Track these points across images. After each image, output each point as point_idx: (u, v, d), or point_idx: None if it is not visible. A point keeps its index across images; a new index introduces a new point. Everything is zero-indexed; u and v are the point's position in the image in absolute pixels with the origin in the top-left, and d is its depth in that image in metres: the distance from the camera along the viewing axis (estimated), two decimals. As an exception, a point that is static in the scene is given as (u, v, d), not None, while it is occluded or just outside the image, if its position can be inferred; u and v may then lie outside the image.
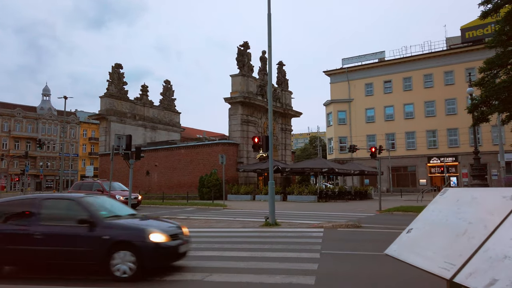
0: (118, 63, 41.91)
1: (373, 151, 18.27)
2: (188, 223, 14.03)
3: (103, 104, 40.44)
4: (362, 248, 8.48)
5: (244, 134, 32.85)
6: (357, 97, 56.22)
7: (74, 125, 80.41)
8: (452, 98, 49.59)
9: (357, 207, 21.29)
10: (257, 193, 29.60)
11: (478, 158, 24.96)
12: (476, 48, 48.66)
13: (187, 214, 18.34)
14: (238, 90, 32.51)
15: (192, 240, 9.88)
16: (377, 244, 8.86)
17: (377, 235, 10.36)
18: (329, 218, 15.17)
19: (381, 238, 9.87)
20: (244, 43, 33.34)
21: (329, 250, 8.12)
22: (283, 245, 8.82)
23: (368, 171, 33.01)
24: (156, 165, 35.53)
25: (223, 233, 11.22)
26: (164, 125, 47.64)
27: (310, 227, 11.88)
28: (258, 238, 9.94)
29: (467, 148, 47.79)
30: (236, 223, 13.49)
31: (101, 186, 21.75)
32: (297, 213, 17.48)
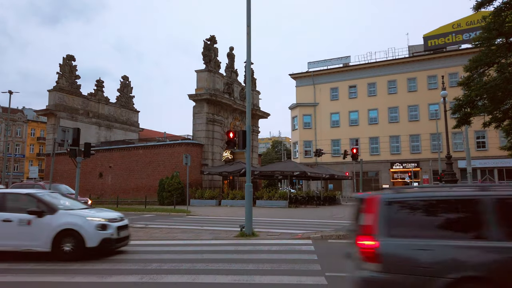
0: (70, 55, 38.25)
1: (354, 153, 16.83)
2: (147, 233, 11.77)
3: (51, 99, 36.59)
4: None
5: (210, 134, 30.58)
6: (323, 101, 55.83)
7: (21, 123, 73.89)
8: (415, 104, 50.33)
9: (333, 213, 19.83)
10: (223, 198, 27.49)
11: (450, 163, 24.44)
12: (438, 56, 49.80)
13: (146, 221, 15.96)
14: (203, 87, 30.26)
15: (154, 258, 7.74)
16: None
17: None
18: (310, 226, 13.50)
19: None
20: (211, 37, 31.16)
21: (333, 271, 6.33)
22: (271, 263, 6.93)
23: (338, 175, 31.93)
24: (111, 166, 32.36)
25: (191, 247, 9.12)
26: (121, 124, 44.22)
27: (295, 238, 10.08)
28: (238, 254, 7.97)
29: (428, 154, 48.56)
30: (206, 234, 11.41)
31: (42, 188, 18.72)
32: (272, 220, 15.67)
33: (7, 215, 7.76)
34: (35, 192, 8.43)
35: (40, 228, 7.54)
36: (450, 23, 49.40)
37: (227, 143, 11.17)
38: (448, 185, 6.15)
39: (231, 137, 11.25)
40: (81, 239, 7.44)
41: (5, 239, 7.69)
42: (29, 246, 7.58)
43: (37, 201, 7.93)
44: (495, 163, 45.08)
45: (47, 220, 7.61)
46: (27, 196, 8.24)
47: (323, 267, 6.57)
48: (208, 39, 31.19)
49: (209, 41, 31.24)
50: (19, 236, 7.63)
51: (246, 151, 11.12)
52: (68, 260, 7.36)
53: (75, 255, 7.42)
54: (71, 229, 7.52)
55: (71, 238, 7.48)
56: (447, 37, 49.52)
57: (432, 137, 47.87)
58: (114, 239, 7.83)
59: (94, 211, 8.57)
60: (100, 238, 7.56)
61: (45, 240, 7.46)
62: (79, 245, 7.44)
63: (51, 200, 8.21)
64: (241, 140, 11.08)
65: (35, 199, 8.02)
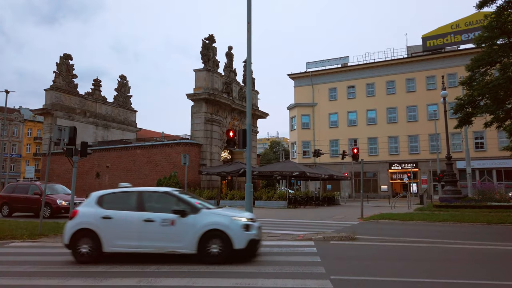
0: (67, 54, 37.87)
1: (355, 153, 16.64)
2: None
3: (48, 98, 36.24)
4: (380, 270, 6.59)
5: (208, 134, 30.31)
6: (321, 101, 55.69)
7: (18, 123, 73.33)
8: (413, 105, 50.29)
9: (333, 214, 19.63)
10: (222, 198, 27.23)
11: (450, 164, 24.36)
12: (436, 56, 49.75)
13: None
14: (202, 86, 29.99)
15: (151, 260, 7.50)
16: (396, 265, 6.99)
17: (385, 251, 8.51)
18: (311, 227, 13.29)
19: (392, 255, 8.05)
20: (209, 36, 30.90)
21: (339, 274, 6.11)
22: (274, 266, 6.71)
23: (337, 175, 31.74)
24: (108, 166, 32.06)
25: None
26: (118, 124, 43.87)
27: (296, 239, 9.86)
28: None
29: (427, 155, 48.51)
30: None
31: (39, 188, 18.47)
32: (272, 221, 15.45)
33: (149, 214, 7.29)
34: (172, 190, 8.03)
35: (184, 229, 7.10)
36: (448, 24, 49.37)
37: (227, 142, 10.96)
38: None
39: (231, 136, 11.03)
40: (228, 240, 6.97)
41: (148, 240, 7.19)
42: (174, 248, 7.10)
43: (176, 200, 7.54)
44: (494, 164, 45.06)
45: (191, 220, 7.15)
46: (165, 194, 7.85)
47: (327, 270, 6.36)
48: (206, 38, 30.94)
49: (208, 40, 31.00)
50: (162, 237, 7.14)
51: (246, 150, 10.91)
52: (214, 262, 6.89)
53: (222, 257, 6.95)
54: (217, 230, 7.03)
55: (218, 239, 7.01)
56: (446, 37, 49.49)
57: (430, 138, 47.83)
58: (257, 240, 7.39)
59: (230, 210, 8.22)
60: (247, 239, 7.08)
61: (190, 241, 7.01)
62: (227, 246, 6.97)
63: (190, 198, 7.79)
64: (241, 139, 10.86)
65: (174, 197, 7.63)
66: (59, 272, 6.51)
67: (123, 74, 45.25)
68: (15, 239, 10.64)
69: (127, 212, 7.45)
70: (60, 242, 10.15)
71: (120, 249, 7.27)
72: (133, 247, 7.24)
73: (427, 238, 10.19)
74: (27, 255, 8.38)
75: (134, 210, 7.44)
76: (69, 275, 6.30)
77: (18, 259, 7.85)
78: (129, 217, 7.36)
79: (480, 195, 24.04)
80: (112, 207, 7.60)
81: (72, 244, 7.35)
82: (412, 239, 10.08)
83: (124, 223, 7.33)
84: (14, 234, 11.11)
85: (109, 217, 7.37)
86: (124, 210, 7.50)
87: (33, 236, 10.93)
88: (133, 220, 7.30)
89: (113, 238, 7.23)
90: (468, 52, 47.56)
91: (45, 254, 8.54)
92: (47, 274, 6.42)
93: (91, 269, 6.71)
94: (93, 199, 7.83)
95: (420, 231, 11.97)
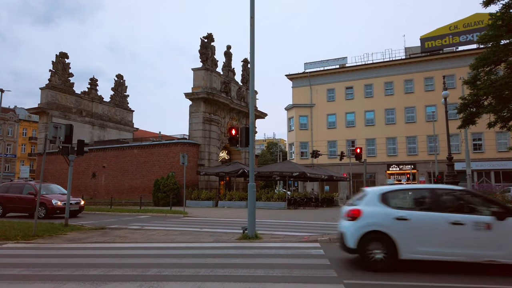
0: (63, 52, 37.35)
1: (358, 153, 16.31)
2: (143, 235, 11.16)
3: (44, 97, 35.69)
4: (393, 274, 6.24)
5: (206, 134, 29.90)
6: (319, 102, 55.49)
7: (13, 123, 72.52)
8: (412, 106, 50.20)
9: (334, 215, 19.29)
10: (220, 199, 26.84)
11: (452, 165, 24.06)
12: (435, 57, 49.71)
13: (141, 223, 15.31)
14: (200, 86, 29.58)
15: (153, 262, 7.13)
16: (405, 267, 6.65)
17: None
18: (313, 228, 12.97)
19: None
20: (208, 35, 30.53)
21: (352, 278, 5.80)
22: (282, 269, 6.37)
23: (336, 176, 31.44)
24: (104, 166, 31.56)
25: (192, 251, 8.53)
26: (115, 124, 43.37)
27: (301, 241, 9.52)
28: (243, 258, 7.39)
29: (425, 156, 48.41)
30: (206, 236, 10.82)
31: (33, 188, 18.01)
32: (273, 222, 15.10)
33: (456, 216, 6.27)
34: (470, 189, 7.09)
35: (505, 234, 6.10)
36: (447, 25, 49.33)
37: (229, 140, 10.60)
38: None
39: (233, 134, 10.68)
40: None
41: (457, 246, 6.19)
42: (492, 257, 6.07)
43: (482, 200, 6.58)
44: (492, 165, 44.99)
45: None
46: (466, 193, 6.95)
47: (339, 274, 6.03)
48: (205, 37, 30.55)
49: (206, 39, 30.61)
50: (475, 243, 6.13)
51: (249, 148, 10.56)
52: None
53: None
54: None
55: None
56: (444, 39, 49.46)
57: (428, 139, 47.74)
58: None
59: None
60: None
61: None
62: None
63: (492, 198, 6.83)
64: (244, 137, 10.52)
65: (478, 197, 6.65)
66: (55, 276, 6.13)
67: (119, 74, 44.78)
68: (8, 240, 10.23)
69: (427, 213, 6.45)
70: (57, 243, 9.79)
71: (421, 256, 6.27)
72: (440, 254, 6.21)
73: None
74: (20, 257, 7.98)
75: (429, 211, 6.48)
76: (65, 278, 5.92)
77: (11, 261, 7.45)
78: (431, 219, 6.35)
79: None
80: (401, 206, 6.72)
81: (361, 248, 6.39)
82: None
83: (426, 225, 6.31)
84: (7, 235, 10.70)
85: (405, 219, 6.39)
86: (418, 211, 6.57)
87: (27, 237, 10.53)
88: (437, 223, 6.29)
89: (412, 243, 6.27)
90: (466, 53, 47.58)
91: (39, 256, 8.15)
92: (42, 277, 6.04)
93: (89, 271, 6.33)
94: (375, 197, 6.83)
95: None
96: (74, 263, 7.08)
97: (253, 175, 10.41)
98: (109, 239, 10.43)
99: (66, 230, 12.20)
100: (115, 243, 9.73)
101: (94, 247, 9.20)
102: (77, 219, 16.92)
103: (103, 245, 9.50)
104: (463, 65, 46.76)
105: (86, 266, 6.80)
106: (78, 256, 7.98)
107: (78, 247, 9.17)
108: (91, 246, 9.28)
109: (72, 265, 6.89)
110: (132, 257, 7.79)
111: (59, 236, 11.14)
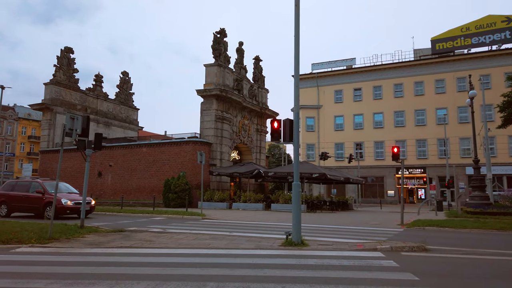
0: (68, 47, 36.15)
1: (396, 152, 15.24)
2: (170, 239, 9.99)
3: (48, 92, 34.47)
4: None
5: (218, 132, 28.72)
6: (326, 103, 54.55)
7: (12, 121, 71.10)
8: (422, 109, 49.32)
9: (363, 219, 18.21)
10: (235, 201, 25.63)
11: (478, 168, 23.10)
12: (446, 59, 48.82)
13: (160, 225, 14.15)
14: (213, 82, 28.44)
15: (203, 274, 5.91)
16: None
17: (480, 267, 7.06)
18: (354, 234, 11.88)
19: (497, 272, 6.58)
20: (220, 30, 29.42)
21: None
22: (365, 285, 5.20)
23: (353, 179, 30.34)
24: (111, 165, 30.32)
25: (239, 259, 7.37)
26: (120, 122, 42.16)
27: (357, 249, 8.37)
28: (308, 271, 6.24)
29: (435, 160, 47.45)
30: (242, 241, 9.66)
31: (41, 186, 16.86)
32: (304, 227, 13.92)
33: None
34: None
35: None
36: (458, 27, 48.42)
37: (271, 135, 9.47)
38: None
39: (275, 127, 9.55)
40: None
41: None
42: None
43: None
44: (504, 170, 44.02)
45: None
46: None
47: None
48: (218, 32, 29.43)
49: (219, 34, 29.48)
50: None
51: (293, 143, 9.44)
52: None
53: None
54: None
55: None
56: (456, 40, 48.56)
57: (439, 143, 46.81)
58: None
59: None
60: None
61: None
62: None
63: None
64: (288, 130, 9.39)
65: None
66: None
67: (125, 71, 43.59)
68: (22, 243, 9.06)
69: None
70: (77, 247, 8.61)
71: None
72: None
73: (506, 250, 8.80)
74: (42, 265, 6.80)
75: None
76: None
77: (32, 270, 6.27)
78: None
79: (509, 201, 22.92)
80: None
81: None
82: (491, 250, 8.66)
83: None
84: (19, 237, 9.53)
85: None
86: None
87: (43, 240, 9.35)
88: None
89: None
90: (479, 55, 46.73)
91: (64, 263, 6.95)
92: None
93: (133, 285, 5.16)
94: None
95: (486, 240, 10.59)
96: (110, 274, 5.91)
97: (298, 173, 9.31)
98: (134, 243, 9.26)
99: (83, 232, 11.03)
100: (144, 248, 8.57)
101: (123, 253, 8.03)
102: (88, 220, 15.73)
103: (131, 250, 8.34)
104: (475, 67, 45.88)
105: (126, 277, 5.63)
106: (110, 264, 6.81)
107: (104, 253, 8.00)
108: (118, 252, 8.11)
109: (109, 276, 5.72)
110: (175, 266, 6.64)
111: (77, 239, 9.97)
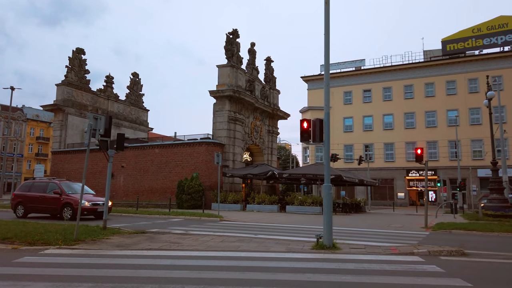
0: (80, 48, 36.24)
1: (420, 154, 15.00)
2: (197, 241, 9.82)
3: (59, 93, 34.55)
4: None
5: (231, 134, 28.59)
6: (336, 105, 54.24)
7: (21, 122, 71.48)
8: (433, 110, 48.89)
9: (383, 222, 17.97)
10: (249, 202, 25.42)
11: (496, 170, 22.75)
12: (457, 61, 48.37)
13: (180, 227, 14.00)
14: (226, 83, 28.32)
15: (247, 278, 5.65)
16: None
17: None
18: (381, 237, 11.68)
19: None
20: (233, 31, 29.31)
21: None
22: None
23: (367, 181, 30.05)
24: (123, 166, 30.28)
25: (275, 263, 7.19)
26: (130, 123, 42.21)
27: (392, 253, 8.16)
28: (351, 276, 6.03)
29: (446, 161, 46.98)
30: (271, 244, 9.48)
31: (59, 187, 16.76)
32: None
33: None
34: None
35: None
36: (470, 28, 47.97)
37: (301, 135, 9.27)
38: None
39: (305, 128, 9.35)
40: None
41: None
42: None
43: None
44: (517, 173, 43.40)
45: None
46: None
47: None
48: (230, 33, 29.33)
49: (232, 35, 29.37)
50: None
51: (324, 144, 9.23)
52: None
53: None
54: None
55: None
56: (467, 41, 48.11)
57: (450, 144, 46.37)
58: None
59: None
60: None
61: None
62: None
63: None
64: (318, 131, 9.20)
65: None
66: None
67: (135, 72, 43.67)
68: (49, 245, 8.94)
69: None
70: (105, 249, 8.47)
71: None
72: None
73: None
74: (76, 267, 6.64)
75: None
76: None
77: (69, 273, 6.10)
78: None
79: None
80: None
81: None
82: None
83: None
84: (45, 239, 9.42)
85: None
86: None
87: (69, 242, 9.23)
88: None
89: None
90: (490, 56, 46.25)
91: (99, 266, 6.79)
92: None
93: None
94: None
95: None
96: (150, 277, 5.75)
97: (328, 175, 9.10)
98: (162, 245, 9.11)
99: (107, 233, 10.91)
100: (173, 251, 8.42)
101: (154, 255, 7.87)
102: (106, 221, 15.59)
103: (161, 252, 8.18)
104: (487, 69, 45.40)
105: (167, 281, 5.47)
106: (147, 267, 6.64)
107: (135, 255, 7.84)
108: (149, 254, 7.95)
109: (150, 280, 5.55)
110: (214, 270, 6.47)
111: (102, 240, 9.84)
